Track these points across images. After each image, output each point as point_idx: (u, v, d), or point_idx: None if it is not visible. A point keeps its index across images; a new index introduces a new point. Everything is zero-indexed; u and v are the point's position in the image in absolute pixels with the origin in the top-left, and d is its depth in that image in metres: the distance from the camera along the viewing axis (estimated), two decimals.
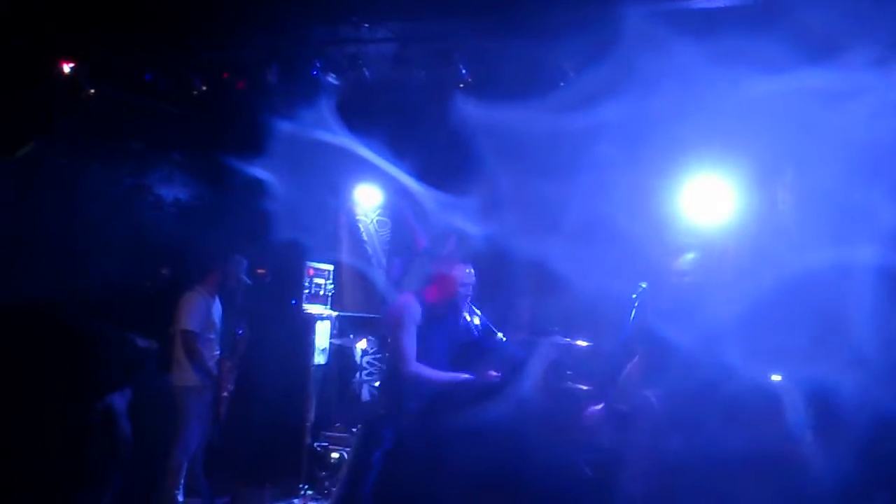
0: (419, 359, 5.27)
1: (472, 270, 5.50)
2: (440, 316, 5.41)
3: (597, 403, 5.31)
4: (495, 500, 4.88)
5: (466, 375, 5.32)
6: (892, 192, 4.98)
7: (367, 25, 5.48)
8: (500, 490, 4.91)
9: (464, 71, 5.68)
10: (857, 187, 5.02)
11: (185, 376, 6.47)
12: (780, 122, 5.31)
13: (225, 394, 6.62)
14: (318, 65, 5.98)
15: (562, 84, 5.57)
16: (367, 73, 5.86)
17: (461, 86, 5.72)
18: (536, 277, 6.08)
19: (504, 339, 5.64)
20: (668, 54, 5.15)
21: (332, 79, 6.13)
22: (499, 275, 6.34)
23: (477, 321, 5.59)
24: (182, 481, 6.47)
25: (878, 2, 4.75)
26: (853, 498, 4.50)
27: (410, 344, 5.23)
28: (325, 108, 6.35)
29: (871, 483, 4.59)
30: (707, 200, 6.14)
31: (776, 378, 4.90)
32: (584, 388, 5.85)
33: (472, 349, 5.50)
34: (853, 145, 5.02)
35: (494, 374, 5.40)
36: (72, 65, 6.18)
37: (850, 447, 4.52)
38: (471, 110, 5.51)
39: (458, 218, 5.90)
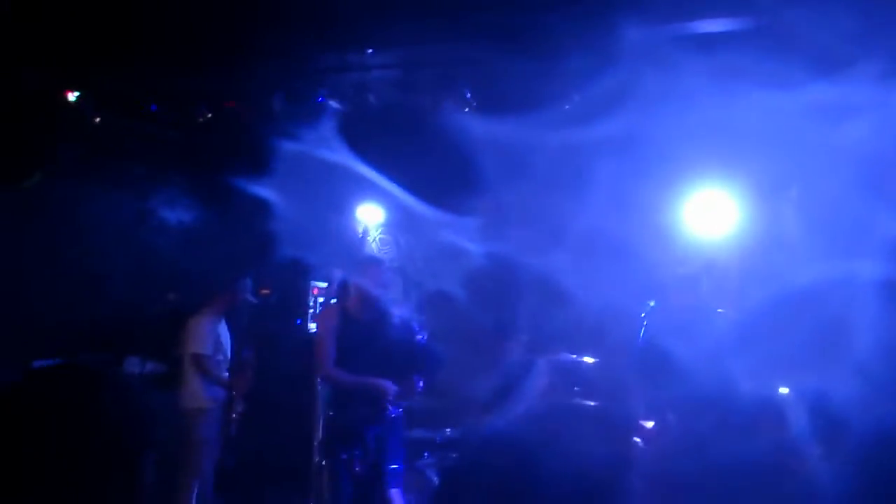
0: (344, 365, 5.50)
1: (385, 271, 5.79)
2: (365, 321, 5.59)
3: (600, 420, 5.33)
4: None
5: (383, 381, 5.49)
6: (894, 206, 5.02)
7: (371, 51, 5.50)
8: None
9: (468, 93, 5.72)
10: (860, 201, 5.06)
11: (194, 398, 6.48)
12: (783, 137, 5.34)
13: (234, 415, 6.62)
14: (322, 91, 6.01)
15: (565, 103, 5.60)
16: (371, 99, 5.89)
17: (466, 108, 5.74)
18: (541, 293, 6.10)
19: (423, 338, 5.85)
20: (672, 72, 5.18)
21: (336, 104, 6.15)
22: (504, 291, 6.36)
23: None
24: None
25: (881, 18, 4.78)
26: None
27: (325, 350, 5.54)
28: (328, 130, 6.37)
29: (874, 496, 4.61)
30: (711, 215, 6.18)
31: (783, 391, 4.93)
32: (592, 403, 5.88)
33: (398, 350, 5.64)
34: (856, 159, 5.06)
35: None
36: (76, 94, 6.20)
37: (853, 460, 4.54)
38: (475, 130, 5.54)
39: (462, 237, 5.93)
